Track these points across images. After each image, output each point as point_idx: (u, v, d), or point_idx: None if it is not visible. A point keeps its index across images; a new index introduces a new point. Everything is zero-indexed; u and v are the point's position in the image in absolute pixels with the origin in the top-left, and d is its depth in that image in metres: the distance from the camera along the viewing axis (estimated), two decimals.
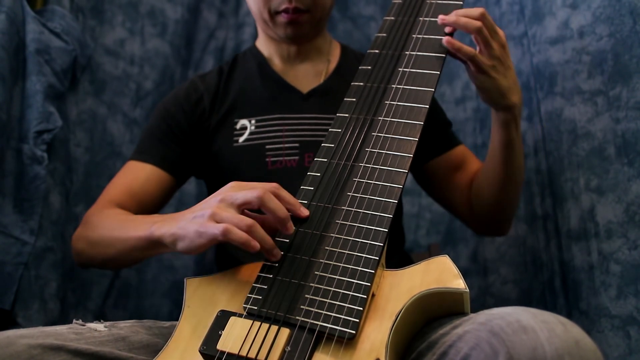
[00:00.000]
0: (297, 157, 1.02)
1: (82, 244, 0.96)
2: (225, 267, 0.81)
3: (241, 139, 1.04)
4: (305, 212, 0.77)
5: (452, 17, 0.88)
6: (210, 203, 0.75)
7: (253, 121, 1.05)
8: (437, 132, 1.12)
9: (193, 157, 1.07)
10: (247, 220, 0.71)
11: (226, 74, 1.11)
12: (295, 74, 1.10)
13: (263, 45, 1.13)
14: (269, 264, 0.75)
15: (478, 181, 1.06)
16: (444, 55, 0.89)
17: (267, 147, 1.03)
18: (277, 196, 0.75)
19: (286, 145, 1.03)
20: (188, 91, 1.08)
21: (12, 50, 1.12)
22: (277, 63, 1.11)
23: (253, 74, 1.10)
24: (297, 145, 1.03)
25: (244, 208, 0.74)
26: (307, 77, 1.10)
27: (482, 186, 1.04)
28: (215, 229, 0.71)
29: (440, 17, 0.89)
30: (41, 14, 1.23)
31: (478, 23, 0.86)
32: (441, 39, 0.89)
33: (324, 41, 1.13)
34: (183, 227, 0.75)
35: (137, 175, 1.03)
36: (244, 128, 1.05)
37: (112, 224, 0.92)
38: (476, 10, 0.88)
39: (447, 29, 0.90)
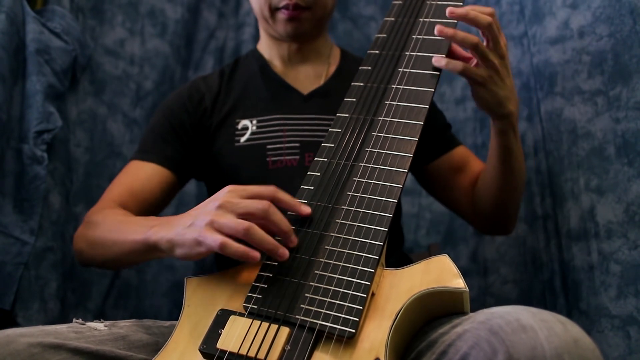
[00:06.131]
0: (297, 157, 1.03)
1: (82, 243, 0.96)
2: (225, 266, 0.81)
3: (242, 139, 1.05)
4: (306, 210, 0.77)
5: (462, 10, 0.85)
6: (208, 209, 0.74)
7: (254, 121, 1.06)
8: (436, 134, 1.13)
9: (194, 156, 1.07)
10: (243, 224, 0.70)
11: (227, 75, 1.12)
12: (295, 75, 1.11)
13: (264, 47, 1.14)
14: (269, 263, 0.75)
15: (480, 184, 1.06)
16: (443, 56, 0.89)
17: (268, 147, 1.04)
18: (277, 200, 0.75)
19: (287, 145, 1.03)
20: (190, 91, 1.09)
21: (12, 50, 1.13)
22: (277, 65, 1.12)
23: (254, 75, 1.11)
24: (297, 145, 1.03)
25: (244, 217, 0.73)
26: (307, 78, 1.11)
27: (483, 189, 1.04)
28: (213, 241, 0.70)
29: (449, 9, 0.86)
30: (41, 14, 1.23)
31: (489, 18, 0.85)
32: (442, 40, 0.89)
33: (324, 43, 1.14)
34: (180, 234, 0.74)
35: (139, 174, 1.03)
36: (245, 128, 1.05)
37: (110, 225, 0.92)
38: (488, 9, 0.87)
39: (448, 32, 0.85)
